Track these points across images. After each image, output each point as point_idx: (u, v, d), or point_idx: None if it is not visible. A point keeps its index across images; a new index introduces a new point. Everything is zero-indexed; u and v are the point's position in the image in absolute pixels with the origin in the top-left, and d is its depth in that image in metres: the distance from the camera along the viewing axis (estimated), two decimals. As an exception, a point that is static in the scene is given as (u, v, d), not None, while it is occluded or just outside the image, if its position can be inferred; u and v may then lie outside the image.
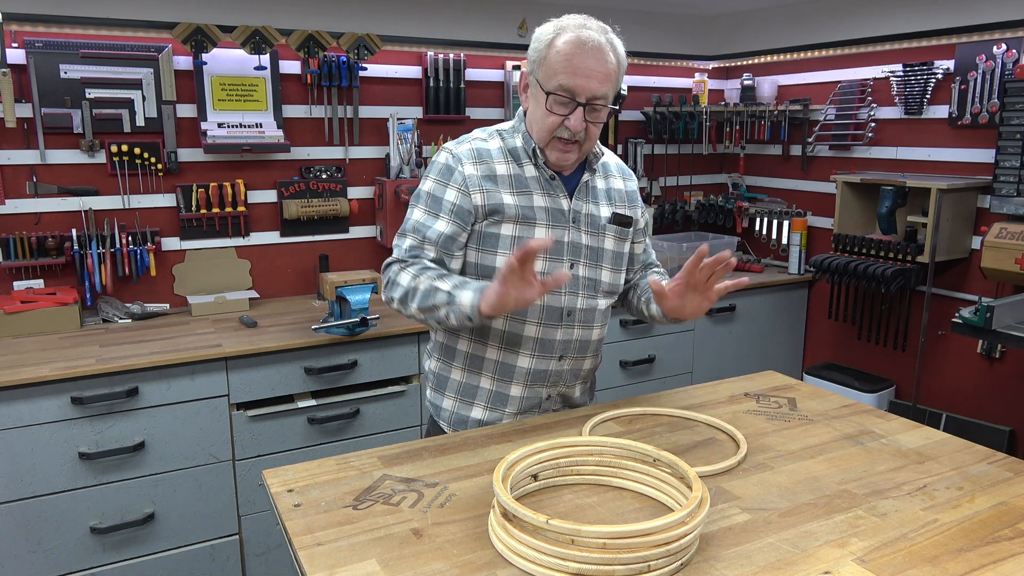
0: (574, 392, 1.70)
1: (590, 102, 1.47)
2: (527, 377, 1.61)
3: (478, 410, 1.63)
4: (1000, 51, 2.81)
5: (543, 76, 1.49)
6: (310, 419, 2.54)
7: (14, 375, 2.15)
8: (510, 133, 1.60)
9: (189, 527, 2.44)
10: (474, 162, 1.55)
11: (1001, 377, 2.99)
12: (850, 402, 1.70)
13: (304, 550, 1.09)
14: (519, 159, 1.57)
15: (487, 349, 1.60)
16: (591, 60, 1.45)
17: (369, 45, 3.01)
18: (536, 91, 1.52)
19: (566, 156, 1.53)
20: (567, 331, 1.61)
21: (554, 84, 1.47)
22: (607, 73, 1.47)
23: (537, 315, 1.58)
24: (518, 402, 1.62)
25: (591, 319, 1.64)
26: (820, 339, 3.72)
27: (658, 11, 3.71)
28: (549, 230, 1.56)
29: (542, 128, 1.51)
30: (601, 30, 1.50)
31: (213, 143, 2.83)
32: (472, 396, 1.63)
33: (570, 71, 1.45)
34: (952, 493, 1.27)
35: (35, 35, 2.62)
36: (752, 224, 3.85)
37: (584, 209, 1.60)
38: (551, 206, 1.57)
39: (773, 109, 3.68)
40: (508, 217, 1.54)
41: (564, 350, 1.62)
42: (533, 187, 1.57)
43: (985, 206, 2.96)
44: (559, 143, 1.51)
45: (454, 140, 1.61)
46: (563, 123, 1.48)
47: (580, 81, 1.45)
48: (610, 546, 0.98)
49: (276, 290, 3.15)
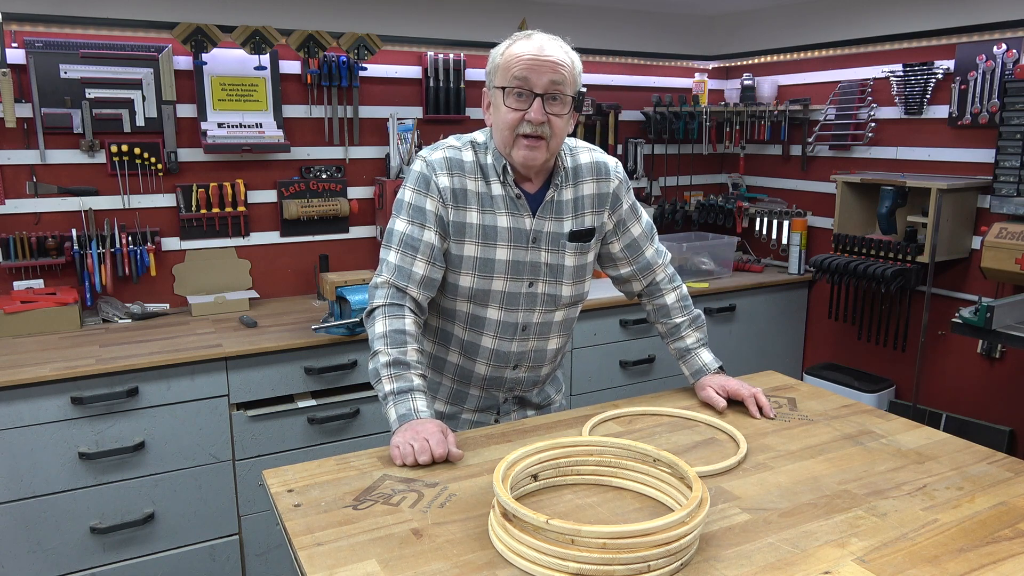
0: (531, 395, 1.76)
1: (547, 92, 1.47)
2: (484, 382, 1.69)
3: (439, 404, 1.72)
4: (1000, 51, 2.81)
5: (499, 79, 1.51)
6: (310, 419, 2.54)
7: (14, 375, 2.15)
8: (483, 148, 1.59)
9: (189, 527, 2.44)
10: (447, 173, 1.55)
11: (1001, 377, 2.99)
12: (850, 402, 1.70)
13: (304, 550, 1.09)
14: (488, 177, 1.57)
15: (449, 353, 1.68)
16: (544, 56, 1.47)
17: (369, 45, 3.01)
18: (495, 98, 1.53)
19: (533, 155, 1.50)
20: (522, 343, 1.65)
21: (508, 79, 1.48)
22: (560, 61, 1.48)
23: (493, 329, 1.62)
24: (476, 400, 1.72)
25: (547, 331, 1.67)
26: (820, 339, 3.72)
27: (658, 11, 3.71)
28: (510, 250, 1.57)
29: (504, 127, 1.50)
30: (551, 37, 1.53)
31: (213, 143, 2.83)
32: (435, 392, 1.72)
33: (523, 65, 1.47)
34: (952, 493, 1.27)
35: (35, 35, 2.62)
36: (752, 224, 3.85)
37: (546, 227, 1.59)
38: (514, 226, 1.57)
39: (773, 109, 3.68)
40: (471, 237, 1.56)
41: (519, 360, 1.67)
42: (498, 206, 1.57)
43: (985, 206, 2.96)
44: (523, 140, 1.49)
45: (429, 147, 1.61)
46: (523, 117, 1.47)
47: (534, 71, 1.46)
48: (610, 546, 0.98)
49: (276, 290, 3.15)
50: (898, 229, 3.12)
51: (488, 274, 1.57)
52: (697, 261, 3.53)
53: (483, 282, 1.58)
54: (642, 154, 3.84)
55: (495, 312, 1.60)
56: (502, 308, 1.60)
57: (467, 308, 1.61)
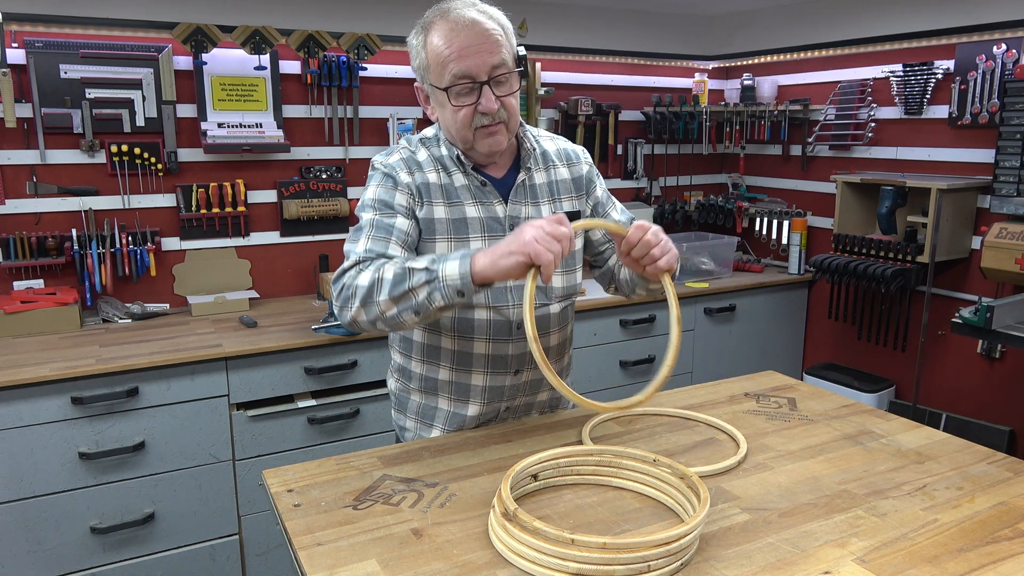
0: (537, 397, 1.62)
1: (492, 76, 1.37)
2: (483, 395, 1.54)
3: (436, 431, 1.57)
4: (1000, 51, 2.81)
5: (435, 77, 1.39)
6: (310, 419, 2.54)
7: (14, 375, 2.15)
8: (434, 142, 1.50)
9: (189, 527, 2.44)
10: (408, 171, 1.45)
11: (1001, 377, 2.99)
12: (850, 402, 1.70)
13: (304, 550, 1.09)
14: (448, 168, 1.47)
15: (439, 371, 1.53)
16: (471, 36, 1.35)
17: (369, 45, 3.01)
18: (437, 96, 1.42)
19: (496, 140, 1.41)
20: (519, 344, 1.51)
21: (448, 77, 1.36)
22: (494, 41, 1.37)
23: (484, 331, 1.49)
24: (476, 420, 1.56)
25: (545, 325, 1.55)
26: (820, 339, 3.72)
27: (658, 11, 3.71)
28: (484, 242, 1.45)
29: (459, 127, 1.40)
30: (466, 4, 1.40)
31: (213, 143, 2.83)
32: (432, 418, 1.58)
33: (456, 57, 1.35)
34: (952, 493, 1.27)
35: (35, 35, 2.62)
36: (752, 224, 3.85)
37: (523, 213, 1.49)
38: (485, 215, 1.47)
39: (773, 109, 3.68)
40: (441, 233, 1.45)
41: (520, 364, 1.53)
42: (464, 196, 1.47)
43: (985, 206, 2.96)
44: (483, 131, 1.40)
45: (381, 153, 1.51)
46: (476, 110, 1.38)
47: (471, 61, 1.35)
48: (610, 546, 0.98)
49: (276, 290, 3.15)
50: (898, 229, 3.13)
51: None
52: (697, 261, 3.53)
53: None
54: (642, 154, 3.84)
55: (483, 312, 1.48)
56: (488, 307, 1.48)
57: (451, 312, 1.42)
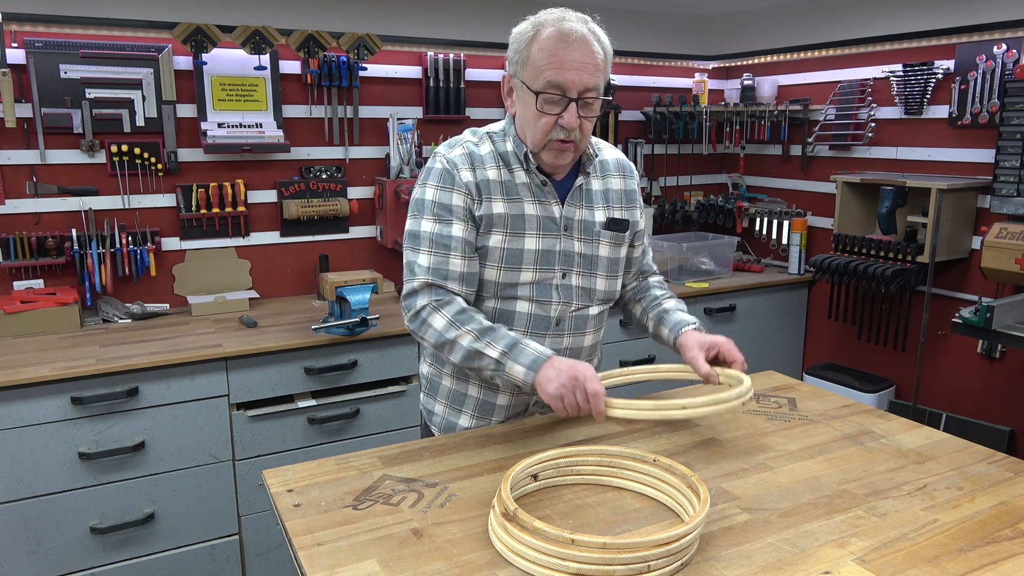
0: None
1: (582, 96, 1.41)
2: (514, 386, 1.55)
3: (465, 418, 1.61)
4: (1000, 51, 2.81)
5: (529, 76, 1.43)
6: (310, 419, 2.54)
7: (14, 375, 2.15)
8: (500, 136, 1.55)
9: (189, 527, 2.44)
10: (469, 168, 1.50)
11: (1001, 377, 2.99)
12: (850, 402, 1.70)
13: (304, 550, 1.09)
14: (510, 164, 1.52)
15: None
16: (577, 52, 1.40)
17: (369, 45, 3.01)
18: (523, 93, 1.46)
19: (563, 157, 1.48)
20: (556, 340, 1.57)
21: (542, 82, 1.41)
22: (595, 64, 1.42)
23: (524, 323, 1.54)
24: (504, 410, 1.61)
25: (582, 326, 1.61)
26: (820, 339, 3.72)
27: (658, 11, 3.71)
28: (539, 239, 1.51)
29: (536, 131, 1.45)
30: (581, 20, 1.45)
31: (213, 143, 2.83)
32: (461, 403, 1.62)
33: (557, 66, 1.39)
34: (952, 493, 1.27)
35: (35, 35, 2.62)
36: (752, 224, 3.85)
37: (577, 215, 1.55)
38: (542, 214, 1.52)
39: (773, 109, 3.68)
40: (498, 227, 1.49)
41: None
42: (524, 194, 1.51)
43: (985, 206, 2.96)
44: (555, 144, 1.45)
45: (445, 144, 1.56)
46: (557, 122, 1.42)
47: (570, 75, 1.39)
48: (610, 546, 0.98)
49: (276, 290, 3.15)
50: (898, 229, 3.12)
51: (516, 265, 1.51)
52: (697, 261, 3.53)
53: (510, 274, 1.51)
54: (642, 154, 3.84)
55: (525, 305, 1.53)
56: (532, 301, 1.53)
57: (494, 304, 1.53)
